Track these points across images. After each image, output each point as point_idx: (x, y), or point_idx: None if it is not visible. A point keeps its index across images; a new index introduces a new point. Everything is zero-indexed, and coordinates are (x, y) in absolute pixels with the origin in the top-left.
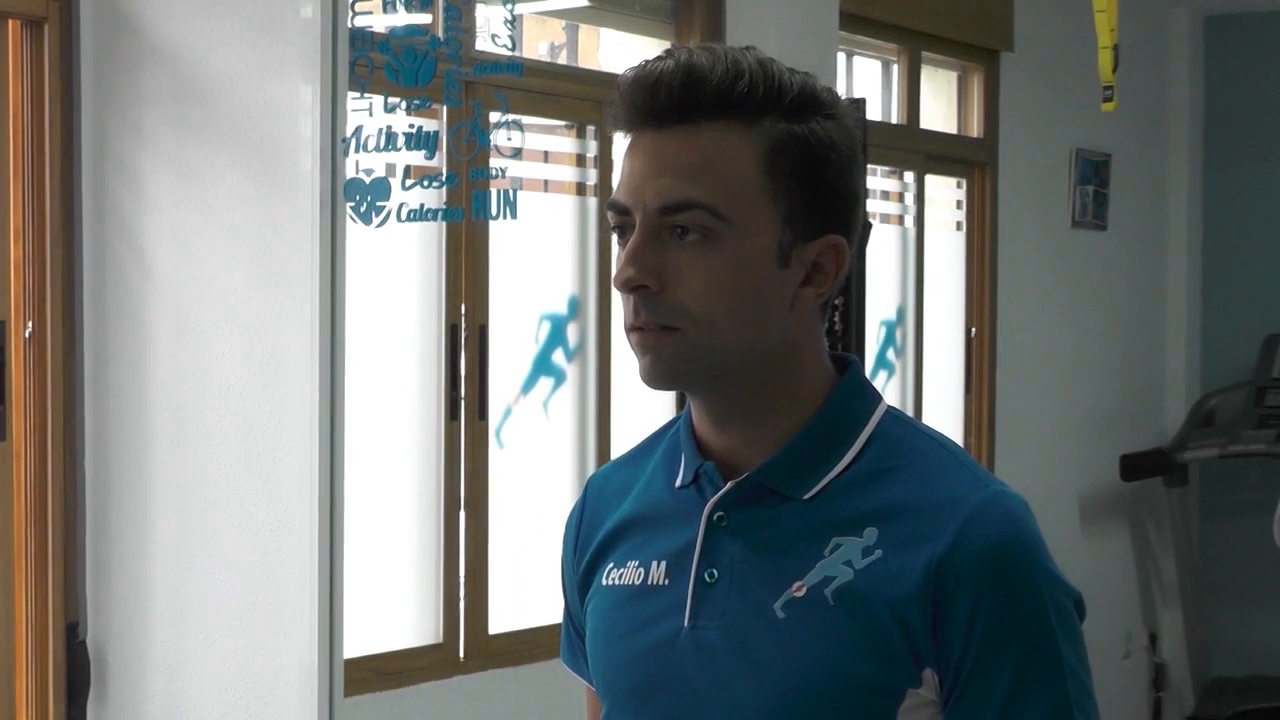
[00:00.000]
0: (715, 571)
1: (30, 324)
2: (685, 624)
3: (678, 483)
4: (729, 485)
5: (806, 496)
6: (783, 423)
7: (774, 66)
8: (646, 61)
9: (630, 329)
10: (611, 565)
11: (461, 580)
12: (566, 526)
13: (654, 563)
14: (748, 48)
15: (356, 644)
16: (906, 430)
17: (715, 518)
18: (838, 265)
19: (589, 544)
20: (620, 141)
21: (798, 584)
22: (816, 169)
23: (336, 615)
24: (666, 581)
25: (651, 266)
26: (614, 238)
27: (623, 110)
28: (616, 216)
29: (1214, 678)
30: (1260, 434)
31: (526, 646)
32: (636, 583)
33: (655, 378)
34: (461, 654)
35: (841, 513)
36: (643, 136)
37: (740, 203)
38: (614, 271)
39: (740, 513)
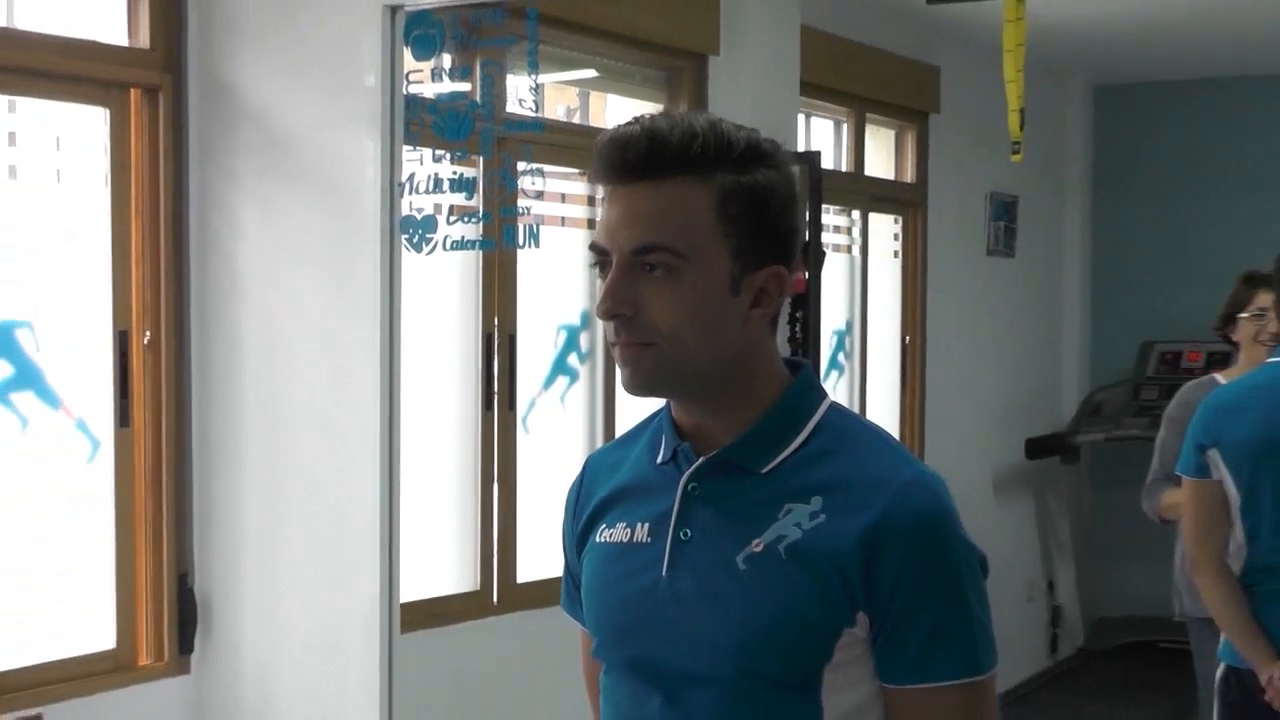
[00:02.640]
0: (689, 531)
1: (148, 332)
2: (664, 574)
3: (659, 460)
4: (701, 461)
5: (764, 471)
6: (744, 414)
7: (723, 126)
8: (618, 126)
9: (613, 345)
10: (604, 526)
11: (495, 539)
12: (567, 497)
13: (639, 524)
14: (700, 111)
15: (410, 591)
16: (847, 420)
17: (690, 488)
18: (780, 289)
19: (585, 510)
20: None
21: (756, 541)
22: (761, 212)
23: (394, 568)
24: (649, 540)
25: (626, 297)
26: (596, 272)
27: (600, 167)
28: (596, 256)
29: (1100, 617)
30: (1137, 421)
31: (548, 592)
32: (624, 540)
33: (635, 385)
34: (495, 599)
35: (793, 484)
36: (617, 190)
37: (697, 243)
38: (595, 302)
39: (710, 484)
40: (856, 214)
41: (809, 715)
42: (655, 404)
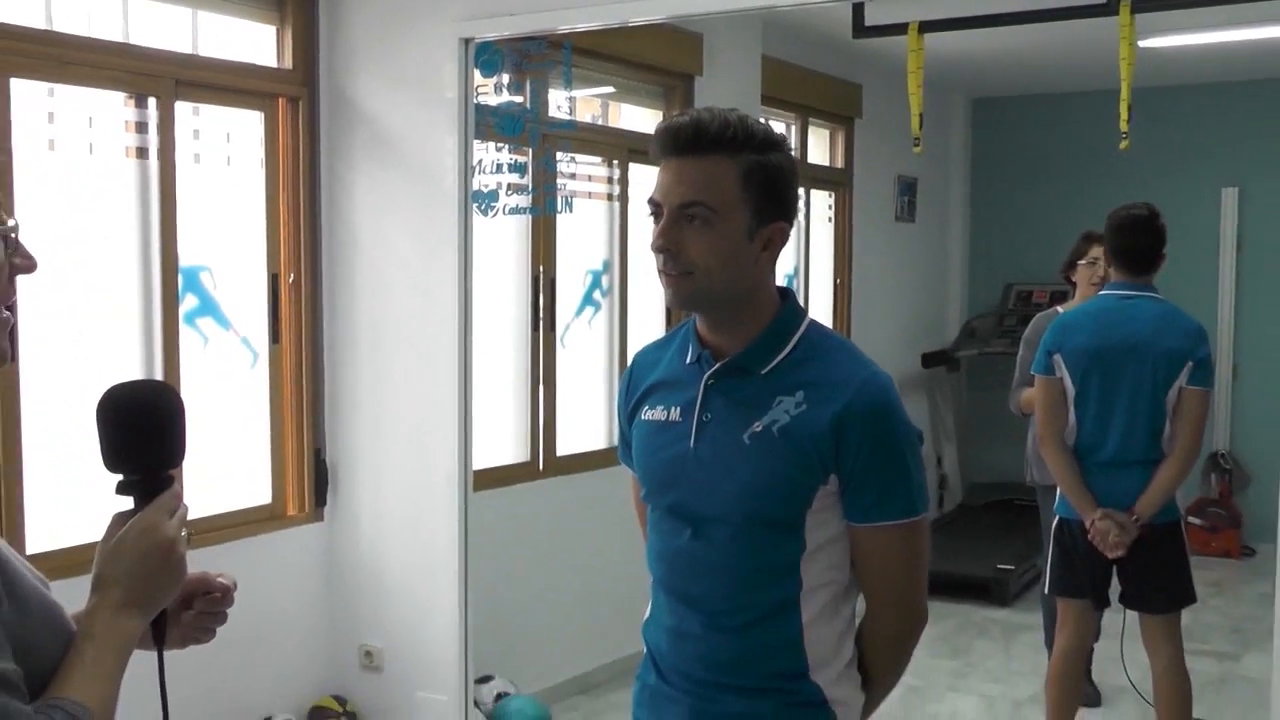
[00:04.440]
0: (709, 414)
1: (292, 274)
2: (691, 445)
3: (688, 361)
4: (718, 364)
5: (763, 372)
6: (750, 329)
7: (749, 120)
8: (673, 116)
9: (661, 273)
10: (647, 407)
11: (541, 423)
12: (621, 382)
13: (673, 408)
14: (732, 109)
15: (480, 460)
16: (822, 334)
17: (709, 383)
18: (782, 240)
19: (635, 394)
20: (635, 169)
21: (757, 423)
22: (773, 183)
23: (468, 444)
24: (680, 419)
25: (674, 238)
26: (651, 220)
27: (657, 145)
28: (653, 207)
29: (973, 482)
30: (1001, 341)
31: (578, 462)
32: (663, 419)
33: (677, 303)
34: (541, 467)
35: (783, 382)
36: (669, 161)
37: (726, 203)
38: (651, 239)
39: (724, 381)
40: (801, 191)
41: (795, 545)
42: (656, 328)
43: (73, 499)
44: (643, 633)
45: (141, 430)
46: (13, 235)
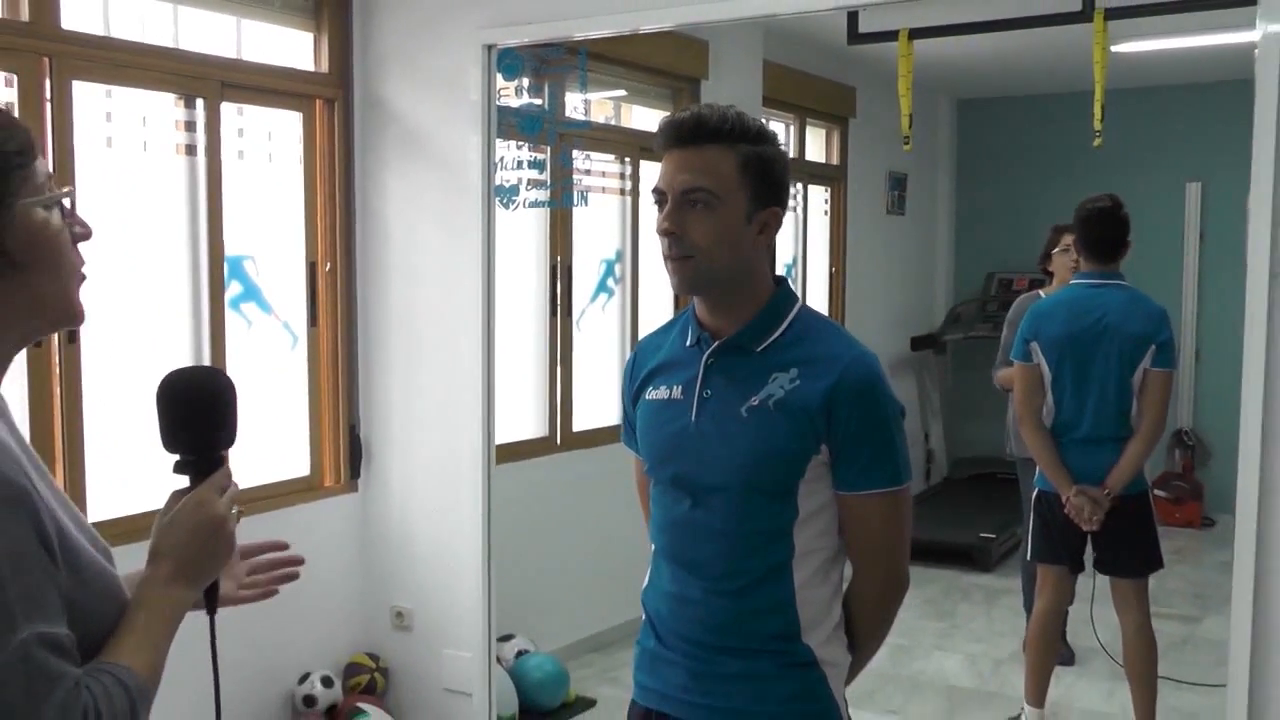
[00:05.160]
0: (709, 391)
1: (329, 263)
2: (692, 420)
3: (688, 343)
4: (716, 344)
5: (758, 350)
6: (746, 311)
7: (745, 116)
8: (676, 112)
9: (666, 258)
10: (650, 388)
11: (558, 401)
12: (625, 368)
13: (675, 386)
14: (730, 106)
15: (501, 435)
16: (814, 316)
17: (708, 362)
18: (777, 224)
19: (638, 377)
20: (645, 166)
21: (754, 398)
22: (767, 171)
23: (490, 420)
24: (681, 397)
25: (678, 223)
26: (656, 208)
27: (661, 138)
28: (658, 195)
29: (958, 457)
30: (984, 325)
31: (593, 437)
32: (665, 398)
33: (681, 287)
34: (558, 441)
35: (777, 359)
36: (672, 152)
37: (726, 188)
38: (656, 224)
39: (722, 359)
40: (800, 186)
41: (789, 511)
42: (664, 312)
43: (129, 472)
44: (642, 600)
45: (197, 414)
46: (67, 202)
